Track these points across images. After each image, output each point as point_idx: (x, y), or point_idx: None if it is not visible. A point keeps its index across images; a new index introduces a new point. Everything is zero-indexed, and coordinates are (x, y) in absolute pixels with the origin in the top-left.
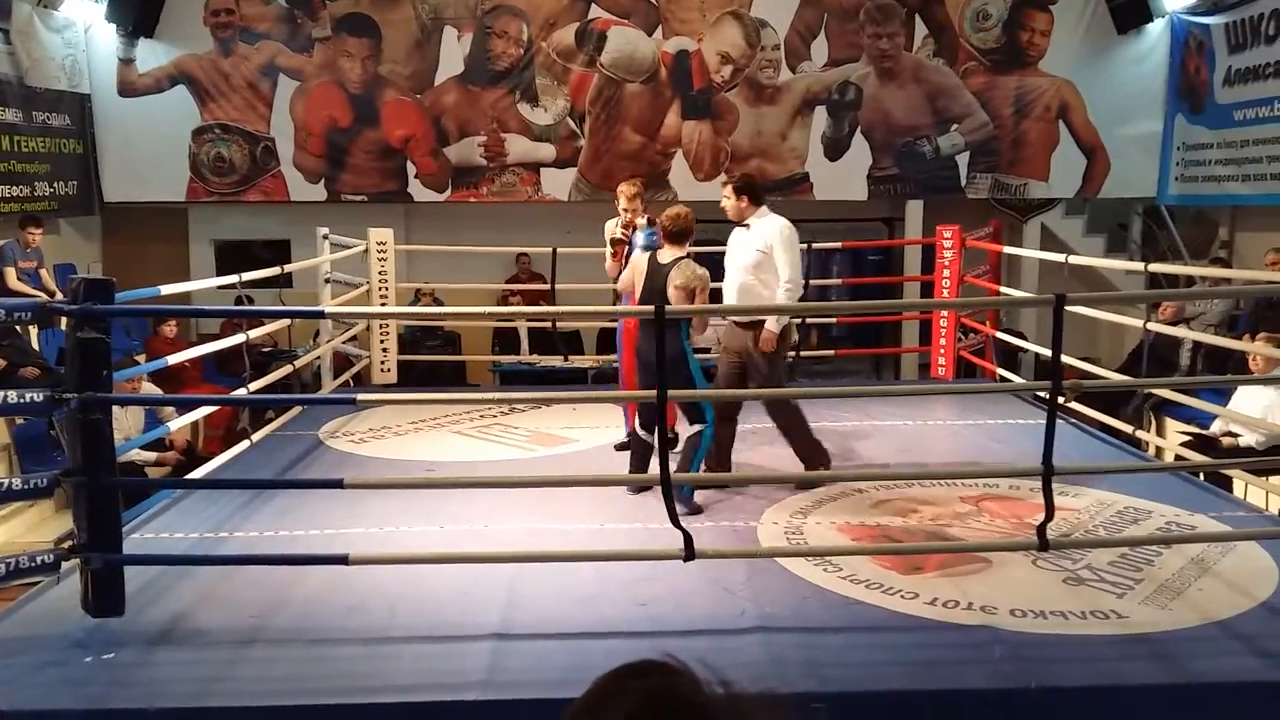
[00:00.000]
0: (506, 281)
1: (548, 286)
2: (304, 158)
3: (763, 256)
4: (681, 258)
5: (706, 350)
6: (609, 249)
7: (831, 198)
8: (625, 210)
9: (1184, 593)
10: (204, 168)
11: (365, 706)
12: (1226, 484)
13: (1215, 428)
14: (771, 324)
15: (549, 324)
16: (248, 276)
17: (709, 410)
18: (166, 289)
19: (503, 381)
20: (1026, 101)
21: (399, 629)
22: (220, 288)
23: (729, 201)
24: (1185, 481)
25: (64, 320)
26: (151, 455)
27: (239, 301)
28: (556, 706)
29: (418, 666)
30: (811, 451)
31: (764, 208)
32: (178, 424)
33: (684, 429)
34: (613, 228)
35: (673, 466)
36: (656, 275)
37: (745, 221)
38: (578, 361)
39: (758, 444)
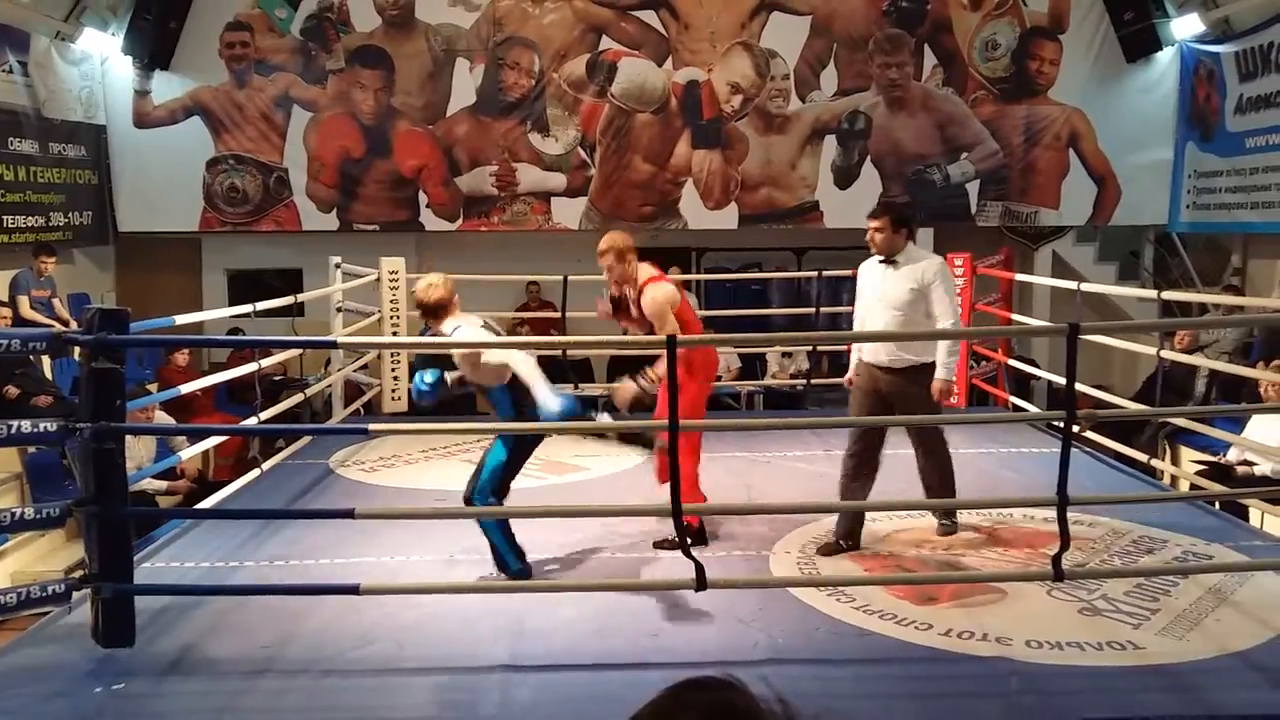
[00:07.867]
0: (516, 310)
1: (558, 315)
2: (316, 188)
3: (916, 295)
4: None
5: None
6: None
7: (842, 225)
8: (614, 269)
9: (1201, 623)
10: (217, 198)
11: None
12: (1243, 513)
13: (1230, 456)
14: (943, 373)
15: (559, 352)
16: (260, 306)
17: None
18: (180, 319)
19: None
20: (1036, 130)
21: (409, 660)
22: (234, 317)
23: (882, 235)
24: (1201, 510)
25: (78, 350)
26: (163, 484)
27: (233, 333)
28: None
29: (430, 698)
30: (944, 484)
31: (913, 243)
32: (189, 453)
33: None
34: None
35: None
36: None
37: (894, 258)
38: (588, 390)
39: (773, 475)
